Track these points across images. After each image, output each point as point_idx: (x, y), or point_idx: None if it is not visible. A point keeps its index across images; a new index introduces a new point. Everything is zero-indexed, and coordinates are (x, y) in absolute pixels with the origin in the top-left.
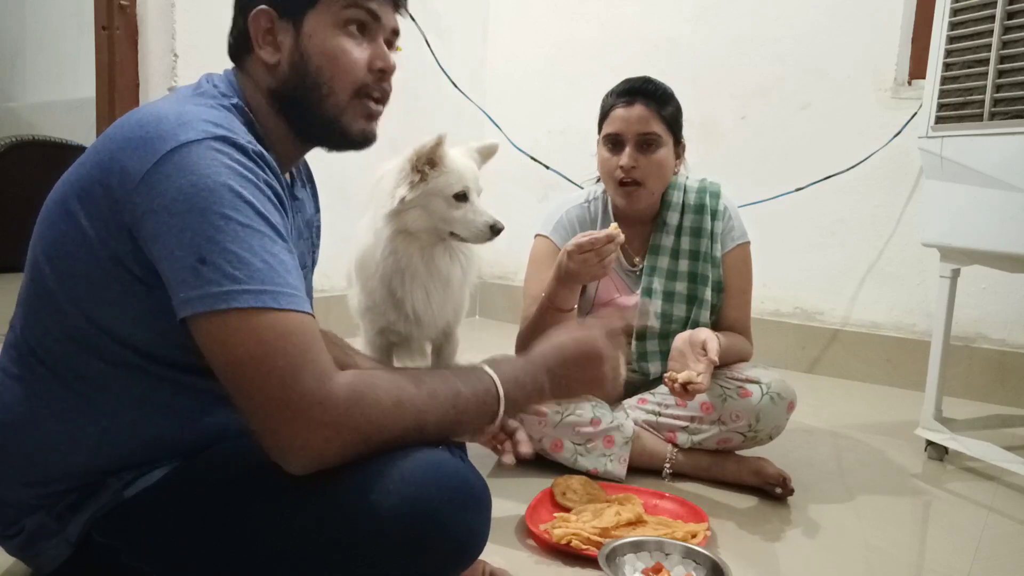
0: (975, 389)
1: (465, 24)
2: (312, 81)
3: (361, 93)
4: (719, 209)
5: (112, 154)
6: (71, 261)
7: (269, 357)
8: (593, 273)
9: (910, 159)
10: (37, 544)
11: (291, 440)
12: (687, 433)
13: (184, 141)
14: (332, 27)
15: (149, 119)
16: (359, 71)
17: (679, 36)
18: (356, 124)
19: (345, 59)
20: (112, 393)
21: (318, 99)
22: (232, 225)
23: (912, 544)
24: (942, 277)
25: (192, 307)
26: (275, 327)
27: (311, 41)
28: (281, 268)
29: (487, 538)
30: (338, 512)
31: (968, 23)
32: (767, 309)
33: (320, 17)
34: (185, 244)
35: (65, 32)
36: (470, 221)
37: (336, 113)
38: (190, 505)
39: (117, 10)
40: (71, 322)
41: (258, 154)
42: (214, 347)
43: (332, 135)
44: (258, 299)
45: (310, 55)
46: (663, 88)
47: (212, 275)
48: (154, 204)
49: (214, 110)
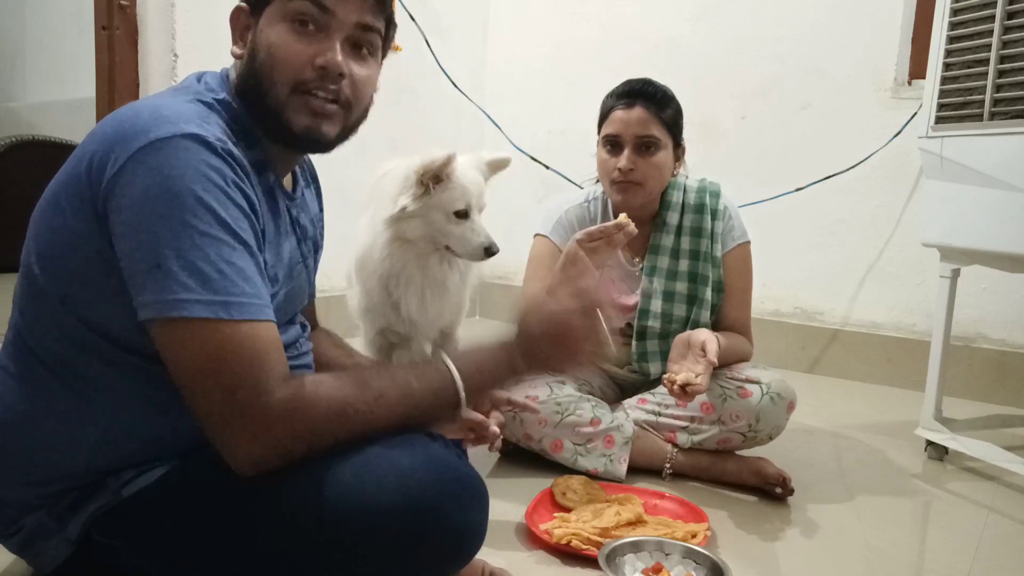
0: (975, 389)
1: (465, 24)
2: (257, 74)
3: (300, 89)
4: (719, 209)
5: (93, 149)
6: (62, 260)
7: (213, 370)
8: (603, 262)
9: (910, 159)
10: (37, 543)
11: (234, 449)
12: (687, 433)
13: (154, 138)
14: (279, 20)
15: (127, 115)
16: (297, 66)
17: (679, 36)
18: (298, 120)
19: (281, 52)
20: (111, 393)
21: (262, 93)
22: (190, 232)
23: (912, 544)
24: (942, 277)
25: (146, 311)
26: (223, 338)
27: (261, 35)
28: (238, 276)
29: (485, 533)
30: (336, 509)
31: (968, 23)
32: (767, 309)
33: (272, 11)
34: (144, 247)
35: (65, 32)
36: (467, 240)
37: (277, 108)
38: (189, 504)
39: (117, 10)
40: (66, 322)
41: (227, 152)
42: (166, 353)
43: (278, 131)
44: (209, 309)
45: (259, 49)
46: (663, 91)
47: (166, 282)
48: (121, 202)
49: (190, 105)
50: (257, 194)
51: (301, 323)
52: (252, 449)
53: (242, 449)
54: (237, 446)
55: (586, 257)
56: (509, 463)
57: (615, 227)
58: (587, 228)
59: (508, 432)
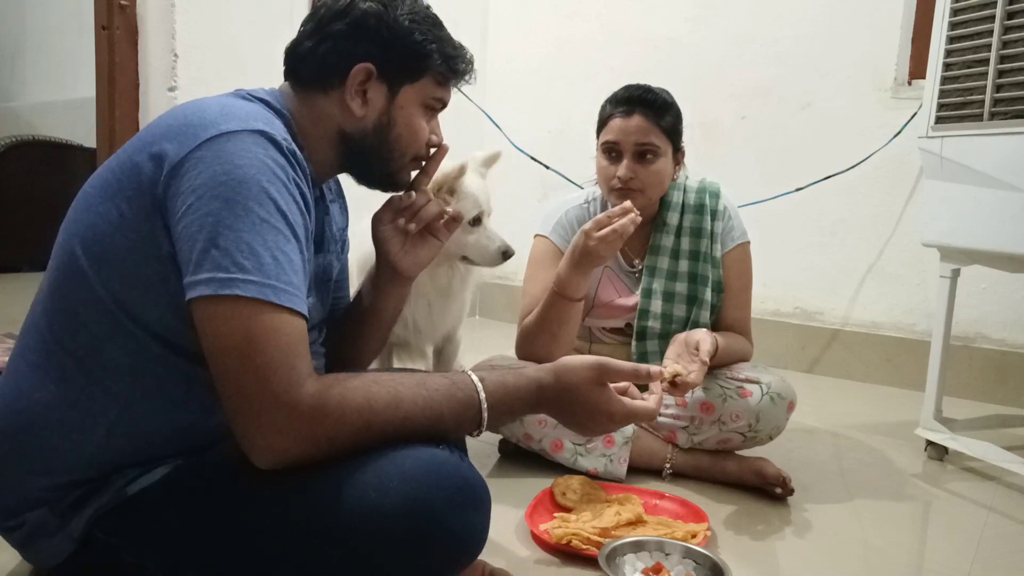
0: (975, 389)
1: (465, 24)
2: (389, 144)
3: (417, 158)
4: (719, 209)
5: (154, 139)
6: (107, 243)
7: (252, 352)
8: (612, 250)
9: (910, 159)
10: (39, 540)
11: (255, 438)
12: (687, 433)
13: (224, 131)
14: (418, 106)
15: (193, 110)
16: (422, 143)
17: (679, 36)
18: (404, 177)
19: (420, 136)
20: (128, 383)
21: (387, 158)
22: (252, 217)
23: (912, 544)
24: (942, 277)
25: (198, 289)
26: (266, 322)
27: (401, 112)
28: (289, 266)
29: (487, 537)
30: (339, 511)
31: (968, 23)
32: (767, 309)
33: (414, 94)
34: (205, 227)
35: (65, 32)
36: (484, 247)
37: (396, 170)
38: (192, 504)
39: (117, 10)
40: (100, 306)
41: (291, 152)
42: (207, 331)
43: (384, 183)
44: (260, 291)
45: (395, 123)
46: (662, 97)
47: (222, 260)
48: (184, 186)
49: (256, 106)
50: (311, 197)
51: (319, 328)
52: (275, 440)
53: (262, 440)
54: (258, 436)
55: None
56: (509, 463)
57: (621, 211)
58: (594, 219)
59: (508, 432)
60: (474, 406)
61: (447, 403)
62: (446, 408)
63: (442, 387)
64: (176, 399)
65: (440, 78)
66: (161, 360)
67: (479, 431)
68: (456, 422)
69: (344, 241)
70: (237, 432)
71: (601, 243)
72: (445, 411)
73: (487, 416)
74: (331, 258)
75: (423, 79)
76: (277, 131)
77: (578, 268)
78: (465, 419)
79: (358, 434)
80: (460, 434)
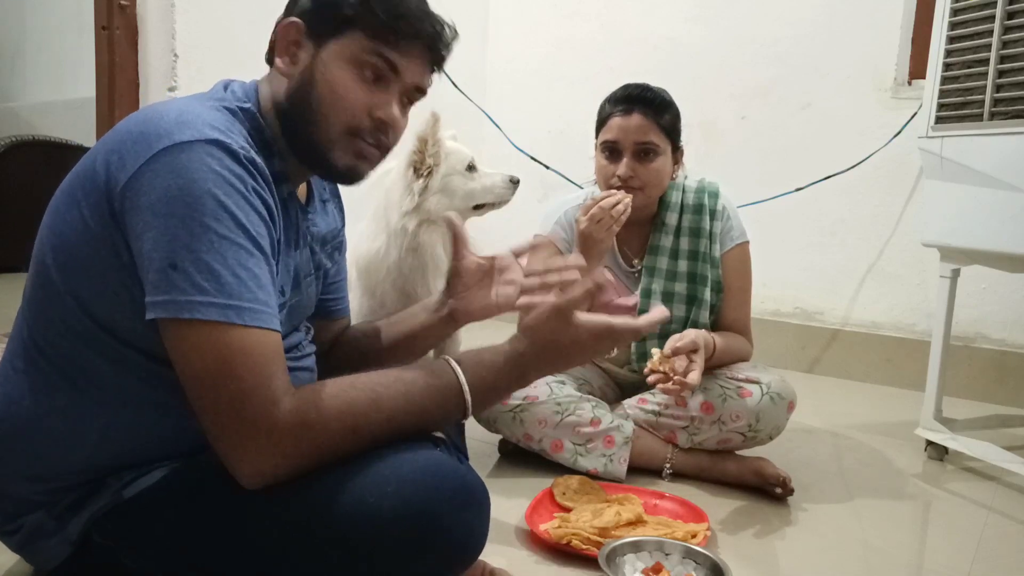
0: (975, 389)
1: (465, 24)
2: (310, 106)
3: (352, 132)
4: (718, 209)
5: (114, 146)
6: (73, 251)
7: (223, 378)
8: (605, 231)
9: (910, 159)
10: (37, 542)
11: (240, 465)
12: (687, 433)
13: (177, 141)
14: (347, 62)
15: (152, 116)
16: (355, 112)
17: (679, 36)
18: (343, 159)
19: (343, 94)
20: (113, 391)
21: (311, 126)
22: (210, 235)
23: (912, 544)
24: (942, 277)
25: (157, 311)
26: (234, 345)
27: (324, 68)
28: (253, 282)
29: (486, 538)
30: (337, 514)
31: (968, 23)
32: (767, 309)
33: (340, 48)
34: (161, 247)
35: (65, 32)
36: (492, 184)
37: (324, 142)
38: (189, 506)
39: (117, 10)
40: (72, 316)
41: (249, 160)
42: (175, 355)
43: (318, 163)
44: (222, 313)
45: (317, 81)
46: (661, 96)
47: (181, 282)
48: (140, 201)
49: (216, 112)
50: (276, 203)
51: (305, 327)
52: (259, 463)
53: (248, 462)
54: (243, 459)
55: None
56: (509, 463)
57: (606, 195)
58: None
59: (508, 432)
60: (455, 389)
61: (428, 393)
62: (428, 398)
63: (420, 378)
64: (164, 404)
65: (372, 32)
66: (142, 367)
67: (466, 414)
68: (441, 410)
69: (340, 242)
70: (221, 457)
71: (591, 222)
72: (427, 401)
73: (470, 398)
74: (319, 257)
75: (349, 32)
76: (234, 140)
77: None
78: (450, 405)
79: (344, 440)
80: (449, 421)
